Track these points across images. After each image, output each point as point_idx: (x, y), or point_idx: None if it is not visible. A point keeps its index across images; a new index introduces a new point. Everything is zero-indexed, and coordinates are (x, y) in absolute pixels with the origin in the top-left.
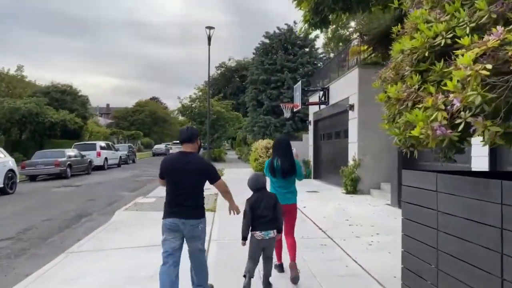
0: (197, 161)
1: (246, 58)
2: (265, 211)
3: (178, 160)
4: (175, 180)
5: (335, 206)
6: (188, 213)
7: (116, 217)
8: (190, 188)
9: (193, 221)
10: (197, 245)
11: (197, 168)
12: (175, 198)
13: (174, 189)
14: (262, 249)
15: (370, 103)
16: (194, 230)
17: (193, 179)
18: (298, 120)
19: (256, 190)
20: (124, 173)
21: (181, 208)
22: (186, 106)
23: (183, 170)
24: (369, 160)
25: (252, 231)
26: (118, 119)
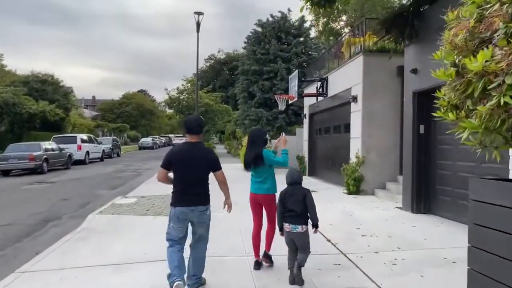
0: (205, 151)
1: (236, 51)
2: (293, 206)
3: (187, 150)
4: (184, 169)
5: (340, 209)
6: (197, 200)
7: (87, 223)
8: (199, 177)
9: (201, 207)
10: (203, 231)
11: (205, 157)
12: (185, 186)
13: (184, 178)
14: (292, 241)
15: (376, 94)
16: (202, 216)
17: (202, 168)
18: (291, 113)
19: (289, 184)
20: (106, 168)
21: (191, 196)
22: (174, 98)
23: (193, 160)
24: (374, 157)
25: (284, 222)
26: (104, 112)
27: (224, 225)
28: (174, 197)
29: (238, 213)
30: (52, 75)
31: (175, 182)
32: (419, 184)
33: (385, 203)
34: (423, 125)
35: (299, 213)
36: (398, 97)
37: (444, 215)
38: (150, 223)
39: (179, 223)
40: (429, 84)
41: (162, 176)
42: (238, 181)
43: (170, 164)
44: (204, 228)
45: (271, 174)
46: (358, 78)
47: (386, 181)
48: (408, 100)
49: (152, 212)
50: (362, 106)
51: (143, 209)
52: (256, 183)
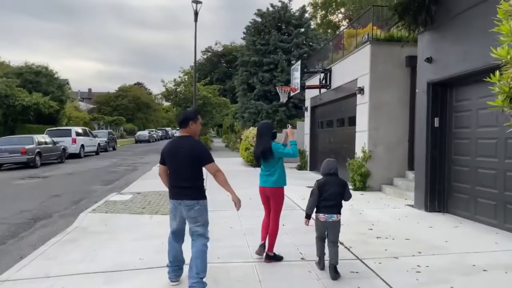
0: (191, 144)
1: (234, 43)
2: (331, 196)
3: (173, 145)
4: (171, 163)
5: (347, 207)
6: (184, 194)
7: (79, 222)
8: (185, 171)
9: (188, 202)
10: (195, 227)
11: (189, 152)
12: (173, 180)
13: (173, 173)
14: (325, 230)
15: (384, 86)
16: (189, 211)
17: (187, 162)
18: (292, 106)
19: (327, 174)
20: (101, 162)
21: (179, 189)
22: (171, 90)
23: (178, 154)
24: (381, 152)
25: (316, 212)
26: (100, 104)
27: (227, 226)
28: (169, 190)
29: (241, 212)
30: (46, 66)
31: (169, 176)
32: (433, 180)
33: (395, 200)
34: (438, 118)
35: (336, 202)
36: (407, 88)
37: (461, 214)
38: (147, 223)
39: (172, 215)
40: (446, 73)
41: (160, 172)
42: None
43: (162, 158)
44: (196, 224)
45: (280, 166)
46: (365, 69)
47: (393, 177)
48: (422, 91)
49: (149, 210)
50: (369, 98)
51: (139, 207)
52: (264, 176)
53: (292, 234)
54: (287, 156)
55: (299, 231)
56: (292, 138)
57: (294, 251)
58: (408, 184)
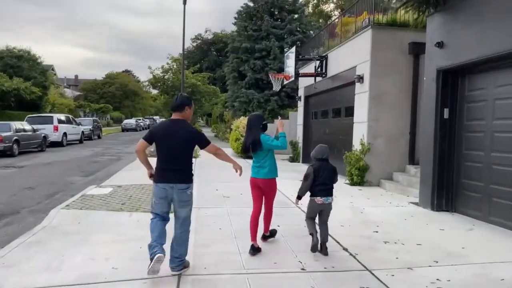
0: (187, 128)
1: (224, 31)
2: (326, 180)
3: (167, 127)
4: (165, 146)
5: (347, 205)
6: (177, 178)
7: (49, 220)
8: (179, 154)
9: (181, 185)
10: (185, 211)
11: (185, 135)
12: (165, 163)
13: (164, 155)
14: (319, 212)
15: (385, 74)
16: (182, 194)
17: (181, 145)
18: (284, 95)
19: (320, 159)
20: (84, 151)
21: (171, 172)
22: (158, 77)
23: (172, 137)
24: (381, 144)
25: (311, 196)
26: (87, 92)
27: (215, 227)
28: (156, 173)
29: (231, 209)
30: (29, 51)
31: (157, 158)
32: (440, 177)
33: (396, 197)
34: (448, 109)
35: (330, 186)
36: (409, 77)
37: (472, 214)
38: (125, 222)
39: (160, 199)
40: (459, 59)
41: (140, 147)
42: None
43: (151, 137)
44: (185, 208)
45: (270, 158)
46: (366, 55)
47: (393, 171)
48: (431, 79)
49: (129, 206)
50: (369, 87)
51: (118, 202)
52: (256, 167)
53: (289, 238)
54: (276, 148)
55: (296, 235)
56: (282, 129)
57: (292, 260)
58: (410, 179)
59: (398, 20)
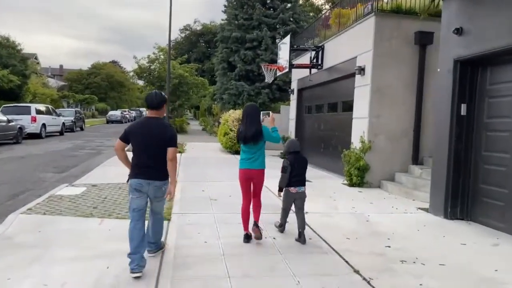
0: (162, 126)
1: (213, 22)
2: (301, 171)
3: (145, 125)
4: (141, 143)
5: (349, 210)
6: (153, 174)
7: (4, 227)
8: (155, 151)
9: (157, 182)
10: (159, 206)
11: (161, 133)
12: (141, 160)
13: (141, 152)
14: (293, 201)
15: (388, 66)
16: (158, 191)
17: (157, 142)
18: (276, 88)
19: (292, 152)
20: (63, 144)
21: (147, 169)
22: (144, 67)
23: (149, 134)
24: (383, 142)
25: (286, 187)
26: (72, 82)
27: (200, 239)
28: (131, 170)
29: (219, 215)
30: (8, 37)
31: (133, 155)
32: (455, 181)
33: (401, 201)
34: (465, 104)
35: (304, 176)
36: (414, 69)
37: (493, 225)
38: (94, 232)
39: (137, 193)
40: (483, 48)
41: (117, 146)
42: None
43: (126, 136)
44: (160, 203)
45: (264, 149)
46: (368, 45)
47: (395, 172)
48: (446, 70)
49: (101, 211)
50: (371, 80)
51: (90, 205)
52: (249, 158)
53: (288, 254)
54: (274, 141)
55: (298, 250)
56: (274, 124)
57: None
58: (415, 181)
59: (404, 6)
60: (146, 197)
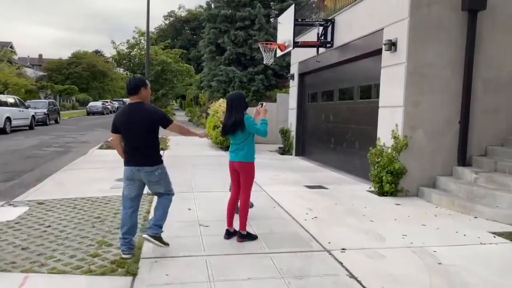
0: (146, 110)
1: (199, 8)
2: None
3: (126, 112)
4: (126, 131)
5: (400, 241)
6: (143, 161)
7: None
8: (141, 137)
9: (147, 168)
10: (158, 188)
11: (145, 116)
12: (129, 147)
13: (127, 140)
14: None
15: (428, 39)
16: (150, 176)
17: (142, 128)
18: (271, 74)
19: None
20: (28, 140)
21: (135, 156)
22: (123, 53)
23: (132, 121)
24: (422, 138)
25: None
26: (51, 72)
27: (182, 262)
28: (125, 158)
29: (214, 260)
30: None
31: (123, 143)
32: None
33: (461, 220)
34: None
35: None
36: (462, 43)
37: None
38: None
39: (129, 181)
40: None
41: (114, 142)
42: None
43: (115, 126)
44: (158, 185)
45: (250, 141)
46: (401, 12)
47: (436, 175)
48: None
49: (33, 254)
50: (406, 57)
51: (20, 244)
52: (233, 150)
53: None
54: (258, 133)
55: None
56: (265, 116)
57: None
58: (469, 189)
59: None
60: (139, 184)
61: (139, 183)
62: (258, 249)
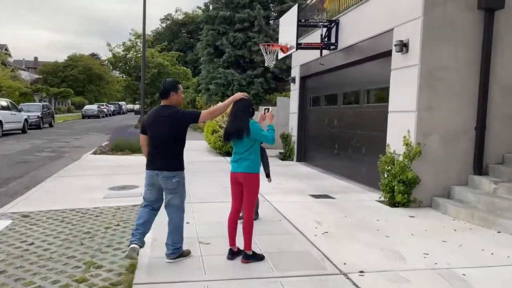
0: (169, 113)
1: (196, 11)
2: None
3: (154, 113)
4: (151, 131)
5: (422, 261)
6: (162, 164)
7: None
8: (164, 139)
9: (166, 173)
10: (173, 199)
11: (169, 120)
12: (152, 150)
13: (151, 142)
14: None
15: (443, 40)
16: (167, 182)
17: (167, 129)
18: (271, 77)
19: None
20: (19, 145)
21: (156, 159)
22: (119, 56)
23: (157, 124)
24: (436, 145)
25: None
26: (47, 75)
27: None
28: (147, 160)
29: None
30: None
31: (149, 145)
32: None
33: (484, 235)
34: None
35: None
36: (477, 44)
37: None
38: None
39: (149, 186)
40: None
41: (142, 142)
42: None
43: (143, 128)
44: (173, 195)
45: (255, 150)
46: (414, 11)
47: (451, 185)
48: None
49: (10, 282)
50: (420, 59)
51: None
52: (236, 160)
53: None
54: (265, 140)
55: None
56: (271, 122)
57: None
58: (490, 201)
59: None
60: (159, 190)
61: (158, 188)
62: (266, 272)
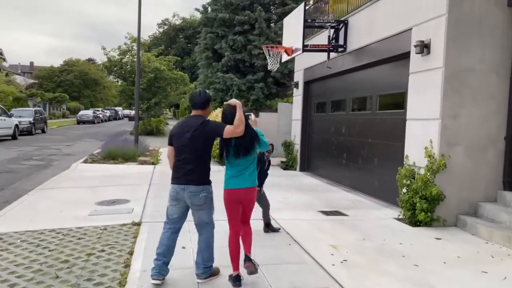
0: (198, 123)
1: (193, 16)
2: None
3: (182, 125)
4: (178, 144)
5: None
6: (189, 178)
7: None
8: (191, 153)
9: (192, 188)
10: (201, 215)
11: (198, 130)
12: (177, 163)
13: (177, 154)
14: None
15: (468, 41)
16: (194, 197)
17: (194, 143)
18: (271, 82)
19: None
20: (6, 152)
21: (182, 173)
22: (114, 60)
23: (185, 134)
24: (462, 156)
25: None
26: (42, 80)
27: None
28: (172, 174)
29: None
30: None
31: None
32: None
33: None
34: None
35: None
36: (508, 44)
37: None
38: None
39: (173, 200)
40: None
41: (169, 153)
42: None
43: (171, 139)
44: (201, 212)
45: (255, 161)
46: (437, 8)
47: (478, 201)
48: None
49: None
50: (444, 61)
51: None
52: (238, 174)
53: None
54: (264, 146)
55: None
56: (256, 126)
57: None
58: None
59: None
60: (184, 206)
61: (183, 205)
62: None
